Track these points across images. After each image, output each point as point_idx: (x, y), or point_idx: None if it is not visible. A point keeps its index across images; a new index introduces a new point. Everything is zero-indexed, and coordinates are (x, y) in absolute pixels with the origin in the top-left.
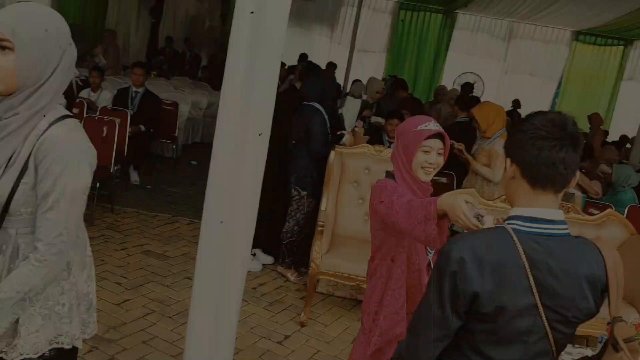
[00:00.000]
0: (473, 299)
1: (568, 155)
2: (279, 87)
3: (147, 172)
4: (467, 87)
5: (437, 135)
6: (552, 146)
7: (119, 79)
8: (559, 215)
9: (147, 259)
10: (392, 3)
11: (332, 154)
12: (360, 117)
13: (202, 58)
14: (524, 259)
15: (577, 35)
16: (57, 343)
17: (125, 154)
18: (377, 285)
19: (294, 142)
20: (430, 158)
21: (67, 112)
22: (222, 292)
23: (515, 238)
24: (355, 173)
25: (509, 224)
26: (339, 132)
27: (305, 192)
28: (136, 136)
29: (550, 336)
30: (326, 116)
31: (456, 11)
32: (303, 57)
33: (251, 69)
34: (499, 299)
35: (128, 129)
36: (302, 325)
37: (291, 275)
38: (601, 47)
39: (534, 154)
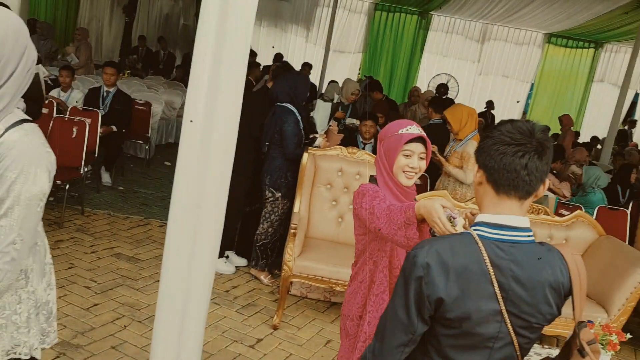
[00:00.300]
0: (438, 304)
1: (531, 162)
2: (254, 87)
3: (119, 173)
4: (442, 88)
5: (419, 139)
6: (514, 152)
7: (91, 78)
8: (523, 222)
9: (118, 262)
10: (367, 4)
11: (305, 155)
12: (333, 118)
13: (176, 57)
14: (489, 265)
15: (549, 38)
16: (15, 353)
17: (96, 154)
18: (359, 290)
19: (267, 143)
20: (411, 162)
21: (25, 117)
22: (189, 295)
23: (480, 244)
24: (328, 175)
25: (474, 229)
26: (311, 136)
27: (279, 194)
28: (108, 137)
29: (515, 342)
30: (299, 117)
31: (431, 12)
32: (278, 57)
33: (217, 69)
34: (464, 305)
35: (99, 130)
36: (275, 328)
37: (264, 278)
38: (573, 50)
39: (497, 159)
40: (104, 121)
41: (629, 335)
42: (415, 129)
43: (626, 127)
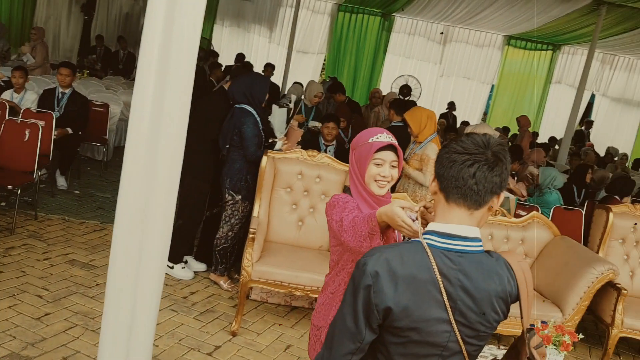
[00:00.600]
0: (387, 313)
1: (480, 172)
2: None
3: (76, 177)
4: (405, 89)
5: (390, 147)
6: (463, 160)
7: (47, 79)
8: (472, 232)
9: (72, 269)
10: (330, 5)
11: (265, 159)
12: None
13: (136, 57)
14: (437, 275)
15: (509, 40)
16: None
17: (51, 158)
18: (332, 301)
19: (227, 146)
20: (383, 171)
21: None
22: (137, 301)
23: (429, 253)
24: (288, 178)
25: (425, 238)
26: (270, 140)
27: (239, 197)
28: (63, 139)
29: (464, 350)
30: (258, 118)
31: (394, 14)
32: (240, 57)
33: (165, 68)
34: (413, 314)
35: (53, 132)
36: (234, 334)
37: (224, 283)
38: (531, 52)
39: (447, 167)
40: (58, 123)
41: (581, 336)
42: (385, 137)
43: (583, 128)
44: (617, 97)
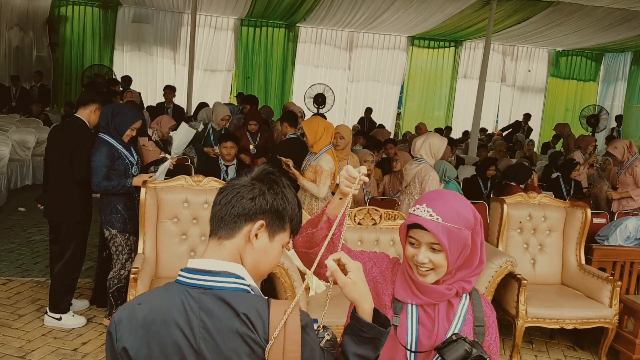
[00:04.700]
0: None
1: (225, 197)
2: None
3: None
4: (320, 98)
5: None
6: (221, 190)
7: None
8: (219, 265)
9: None
10: (232, 20)
11: (143, 190)
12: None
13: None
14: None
15: (413, 40)
16: None
17: None
18: None
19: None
20: (418, 254)
21: None
22: None
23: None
24: (173, 208)
25: (179, 275)
26: (161, 155)
27: (115, 230)
28: None
29: None
30: (120, 147)
31: (297, 25)
32: (126, 80)
33: None
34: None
35: None
36: None
37: None
38: (435, 50)
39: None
40: None
41: None
42: (423, 211)
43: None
44: (520, 85)
